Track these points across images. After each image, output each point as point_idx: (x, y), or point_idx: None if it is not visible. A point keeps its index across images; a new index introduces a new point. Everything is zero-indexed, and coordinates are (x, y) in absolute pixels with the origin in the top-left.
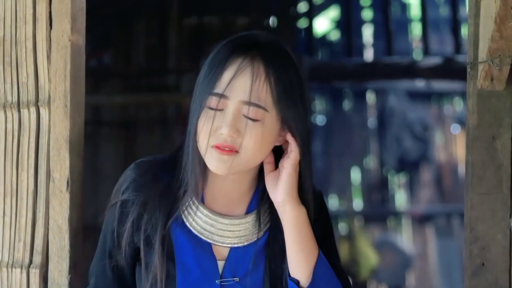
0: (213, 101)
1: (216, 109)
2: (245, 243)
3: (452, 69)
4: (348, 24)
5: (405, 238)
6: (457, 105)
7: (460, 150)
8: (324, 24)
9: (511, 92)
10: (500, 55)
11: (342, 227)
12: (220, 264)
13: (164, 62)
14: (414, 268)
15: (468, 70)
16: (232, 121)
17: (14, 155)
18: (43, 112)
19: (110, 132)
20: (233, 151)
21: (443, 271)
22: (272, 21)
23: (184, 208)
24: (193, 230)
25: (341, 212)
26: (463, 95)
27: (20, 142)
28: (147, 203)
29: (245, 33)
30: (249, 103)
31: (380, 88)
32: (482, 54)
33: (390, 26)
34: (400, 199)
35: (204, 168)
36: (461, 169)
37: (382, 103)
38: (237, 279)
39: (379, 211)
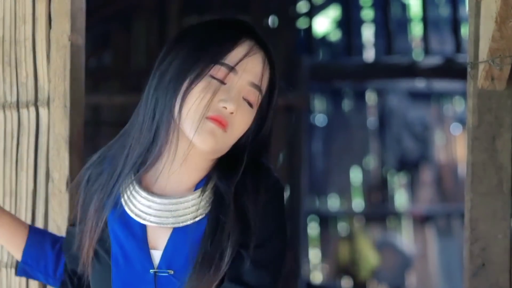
0: (219, 71)
1: (220, 81)
2: (182, 224)
3: (453, 69)
4: (348, 24)
5: (405, 238)
6: (457, 105)
7: (460, 150)
8: (324, 24)
9: (511, 92)
10: (500, 55)
11: (342, 227)
12: (157, 254)
13: None
14: (414, 268)
15: (469, 70)
16: (238, 98)
17: (13, 155)
18: (43, 112)
19: (110, 132)
20: (224, 128)
21: (443, 271)
22: (272, 20)
23: (124, 193)
24: (131, 214)
25: (341, 212)
26: (463, 95)
27: (19, 142)
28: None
29: (234, 17)
30: (255, 86)
31: (380, 88)
32: (483, 54)
33: (390, 26)
34: (400, 199)
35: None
36: (461, 169)
37: (382, 103)
38: (172, 271)
39: (379, 211)
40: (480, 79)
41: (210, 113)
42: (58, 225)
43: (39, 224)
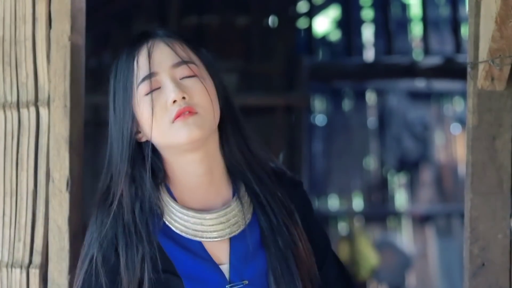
0: (145, 87)
1: (152, 91)
2: (238, 231)
3: (452, 69)
4: (348, 24)
5: (405, 238)
6: (457, 105)
7: (460, 150)
8: (324, 24)
9: (511, 92)
10: (500, 55)
11: (342, 227)
12: (224, 268)
13: None
14: (414, 268)
15: (469, 70)
16: (175, 86)
17: (13, 155)
18: (43, 112)
19: None
20: (192, 112)
21: (443, 271)
22: (272, 21)
23: (165, 215)
24: (186, 235)
25: (341, 212)
26: (463, 95)
27: (19, 142)
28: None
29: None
30: (179, 63)
31: (380, 88)
32: (483, 54)
33: (390, 26)
34: (400, 199)
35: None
36: (461, 169)
37: (382, 103)
38: (246, 281)
39: (379, 211)
40: (480, 79)
41: (170, 116)
42: (58, 225)
43: (40, 224)
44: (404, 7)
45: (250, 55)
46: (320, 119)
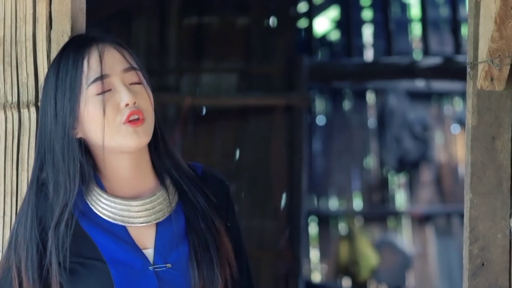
0: (96, 87)
1: (103, 92)
2: (163, 217)
3: (452, 69)
4: (348, 24)
5: (405, 238)
6: (457, 105)
7: (460, 150)
8: (324, 24)
9: (511, 92)
10: (500, 55)
11: (342, 227)
12: (149, 252)
13: (164, 62)
14: (414, 268)
15: (468, 70)
16: (127, 90)
17: (14, 155)
18: None
19: None
20: (141, 119)
21: (443, 271)
22: (272, 21)
23: (92, 203)
24: (112, 220)
25: (341, 212)
26: (463, 95)
27: (20, 142)
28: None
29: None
30: (128, 69)
31: (380, 88)
32: (482, 54)
33: (390, 26)
34: (400, 199)
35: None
36: (461, 169)
37: (382, 103)
38: (169, 265)
39: (379, 211)
40: (479, 79)
41: (121, 118)
42: None
43: None
44: (404, 8)
45: (250, 55)
46: (320, 119)
